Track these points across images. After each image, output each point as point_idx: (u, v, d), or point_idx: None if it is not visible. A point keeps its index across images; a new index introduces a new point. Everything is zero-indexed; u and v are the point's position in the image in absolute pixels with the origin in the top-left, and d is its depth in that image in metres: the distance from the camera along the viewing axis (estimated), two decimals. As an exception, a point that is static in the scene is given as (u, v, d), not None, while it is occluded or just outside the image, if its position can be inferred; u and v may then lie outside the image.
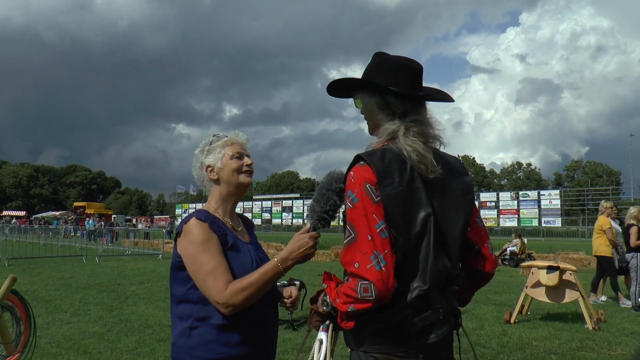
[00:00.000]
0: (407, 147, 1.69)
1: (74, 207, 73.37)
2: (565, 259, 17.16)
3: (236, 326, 1.88)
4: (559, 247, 24.85)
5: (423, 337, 1.66)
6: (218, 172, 2.03)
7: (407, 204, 1.64)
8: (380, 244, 1.57)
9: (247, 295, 1.79)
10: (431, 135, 1.79)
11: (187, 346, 1.87)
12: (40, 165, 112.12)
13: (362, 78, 1.87)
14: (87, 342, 6.12)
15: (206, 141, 2.09)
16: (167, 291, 10.14)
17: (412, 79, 1.82)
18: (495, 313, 8.28)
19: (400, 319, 1.64)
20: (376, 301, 1.55)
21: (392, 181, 1.63)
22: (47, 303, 8.78)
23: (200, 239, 1.86)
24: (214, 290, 1.80)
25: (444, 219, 1.71)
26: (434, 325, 1.68)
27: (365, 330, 1.67)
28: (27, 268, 14.73)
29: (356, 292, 1.56)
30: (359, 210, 1.61)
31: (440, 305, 1.69)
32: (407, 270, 1.64)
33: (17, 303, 3.91)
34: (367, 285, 1.54)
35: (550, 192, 54.74)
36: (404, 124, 1.75)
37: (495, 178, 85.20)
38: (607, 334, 6.92)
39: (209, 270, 1.82)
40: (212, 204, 2.05)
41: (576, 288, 7.48)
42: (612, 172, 74.81)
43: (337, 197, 1.81)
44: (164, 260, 18.30)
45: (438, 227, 1.68)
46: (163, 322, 7.27)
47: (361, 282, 1.55)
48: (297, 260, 1.85)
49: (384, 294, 1.55)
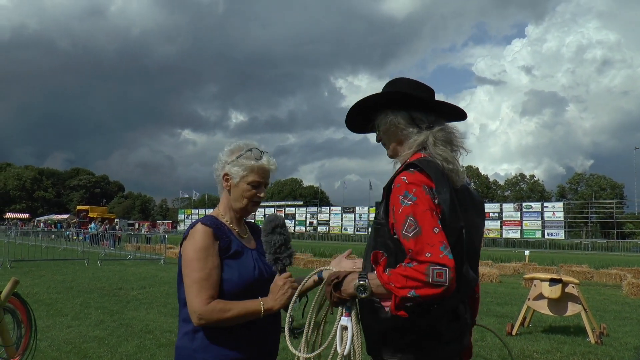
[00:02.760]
0: (438, 156, 1.73)
1: (77, 210, 73.61)
2: (567, 271, 17.09)
3: (239, 330, 1.90)
4: (561, 260, 24.72)
5: (454, 347, 1.70)
6: (232, 185, 2.04)
7: (451, 214, 1.64)
8: (445, 238, 1.53)
9: (223, 317, 1.83)
10: (456, 144, 1.82)
11: (190, 348, 1.90)
12: (45, 168, 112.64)
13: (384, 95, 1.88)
14: (87, 346, 6.12)
15: (240, 147, 2.06)
16: (168, 296, 10.17)
17: (431, 95, 1.88)
18: (497, 325, 8.24)
19: (438, 328, 1.65)
20: (448, 289, 1.47)
21: (443, 189, 1.65)
22: (48, 306, 8.78)
23: (200, 246, 1.89)
24: (195, 299, 1.84)
25: (469, 233, 1.74)
26: (463, 335, 1.72)
27: (402, 339, 1.67)
28: (29, 270, 14.75)
29: (427, 275, 1.45)
30: (421, 206, 1.57)
31: (467, 315, 1.73)
32: None
33: (18, 306, 3.91)
34: (441, 270, 1.46)
35: (553, 204, 54.68)
36: (432, 134, 1.78)
37: (498, 189, 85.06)
38: (610, 348, 6.87)
39: (197, 278, 1.85)
40: (221, 210, 2.08)
41: (579, 301, 7.44)
42: (616, 185, 74.58)
43: (277, 235, 1.92)
44: (165, 265, 18.29)
45: (469, 240, 1.72)
46: (164, 327, 7.26)
47: (433, 266, 1.46)
48: (281, 305, 1.90)
49: (454, 284, 1.48)
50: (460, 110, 1.90)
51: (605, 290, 14.06)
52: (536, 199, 70.52)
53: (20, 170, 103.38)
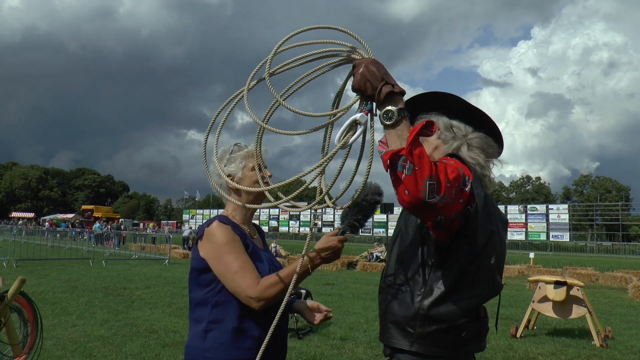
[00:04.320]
0: (470, 160, 1.77)
1: (82, 210, 73.87)
2: (572, 274, 17.02)
3: (250, 330, 1.91)
4: (566, 262, 24.64)
5: (471, 346, 1.72)
6: (238, 181, 2.05)
7: (483, 212, 1.67)
8: (450, 191, 1.41)
9: (278, 290, 1.81)
10: (489, 153, 1.87)
11: (201, 348, 1.90)
12: (50, 167, 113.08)
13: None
14: (92, 345, 6.14)
15: (226, 149, 2.09)
16: (172, 296, 10.19)
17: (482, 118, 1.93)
18: (502, 327, 8.21)
19: (461, 324, 1.68)
20: (421, 202, 1.36)
21: (479, 186, 1.68)
22: (53, 305, 8.82)
23: (225, 240, 1.90)
24: (245, 286, 1.83)
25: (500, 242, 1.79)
26: (481, 337, 1.75)
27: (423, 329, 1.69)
28: (35, 270, 14.82)
29: (425, 186, 1.35)
30: (453, 167, 1.47)
31: (486, 319, 1.77)
32: (472, 277, 1.69)
33: (25, 305, 3.93)
34: (432, 185, 1.36)
35: (558, 206, 54.33)
36: (467, 140, 1.84)
37: (503, 191, 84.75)
38: (615, 352, 6.84)
39: (237, 267, 1.86)
40: (230, 211, 2.08)
41: (584, 304, 7.42)
42: (622, 188, 74.22)
43: (370, 208, 1.88)
44: (170, 265, 18.33)
45: (501, 246, 1.77)
46: (168, 327, 7.28)
47: (433, 181, 1.36)
48: (324, 260, 1.88)
49: (426, 206, 1.38)
50: (497, 132, 1.91)
51: (611, 293, 14.01)
52: (541, 201, 70.26)
53: (25, 169, 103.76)
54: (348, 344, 6.75)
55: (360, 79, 1.49)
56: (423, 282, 1.72)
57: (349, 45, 1.61)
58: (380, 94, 1.47)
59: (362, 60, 1.53)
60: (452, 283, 1.67)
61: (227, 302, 1.90)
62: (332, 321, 8.27)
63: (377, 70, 1.48)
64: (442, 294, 1.67)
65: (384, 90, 1.46)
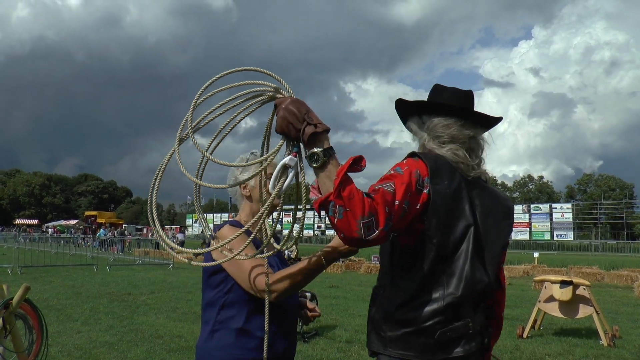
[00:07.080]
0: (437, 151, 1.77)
1: (85, 216, 73.97)
2: (578, 273, 16.96)
3: (254, 331, 1.93)
4: (571, 261, 24.53)
5: (449, 349, 1.66)
6: (251, 190, 2.10)
7: (449, 208, 1.66)
8: (398, 214, 1.50)
9: (291, 282, 1.84)
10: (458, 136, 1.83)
11: (208, 348, 1.96)
12: (53, 174, 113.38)
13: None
14: (97, 352, 6.13)
15: (243, 157, 2.12)
16: (177, 301, 10.19)
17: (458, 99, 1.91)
18: (508, 327, 8.17)
19: (430, 326, 1.63)
20: (359, 241, 1.42)
21: (442, 181, 1.66)
22: (58, 312, 8.82)
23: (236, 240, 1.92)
24: (258, 280, 1.85)
25: (486, 235, 1.75)
26: (462, 339, 1.67)
27: (392, 332, 1.68)
28: (39, 276, 14.83)
29: (359, 225, 1.39)
30: (401, 179, 1.57)
31: (472, 319, 1.69)
32: (441, 277, 1.66)
33: (30, 312, 3.93)
34: (372, 230, 1.40)
35: (562, 205, 54.11)
36: (427, 132, 1.85)
37: (506, 191, 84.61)
38: (623, 351, 6.80)
39: (249, 263, 1.88)
40: (243, 217, 2.12)
41: (590, 303, 7.37)
42: (625, 186, 73.95)
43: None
44: (174, 270, 18.33)
45: (478, 240, 1.71)
46: (173, 332, 7.26)
47: (368, 220, 1.40)
48: (341, 254, 1.90)
49: (366, 244, 1.44)
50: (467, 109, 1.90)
51: (617, 292, 13.94)
52: (545, 200, 70.01)
53: (29, 176, 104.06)
54: (354, 346, 6.73)
55: (281, 122, 1.48)
56: (393, 286, 1.72)
57: (272, 85, 1.61)
58: (304, 136, 1.47)
59: (282, 99, 1.52)
60: (419, 285, 1.65)
61: (234, 303, 1.94)
62: (338, 324, 8.25)
63: (298, 111, 1.47)
64: (409, 297, 1.66)
65: (307, 132, 1.46)
